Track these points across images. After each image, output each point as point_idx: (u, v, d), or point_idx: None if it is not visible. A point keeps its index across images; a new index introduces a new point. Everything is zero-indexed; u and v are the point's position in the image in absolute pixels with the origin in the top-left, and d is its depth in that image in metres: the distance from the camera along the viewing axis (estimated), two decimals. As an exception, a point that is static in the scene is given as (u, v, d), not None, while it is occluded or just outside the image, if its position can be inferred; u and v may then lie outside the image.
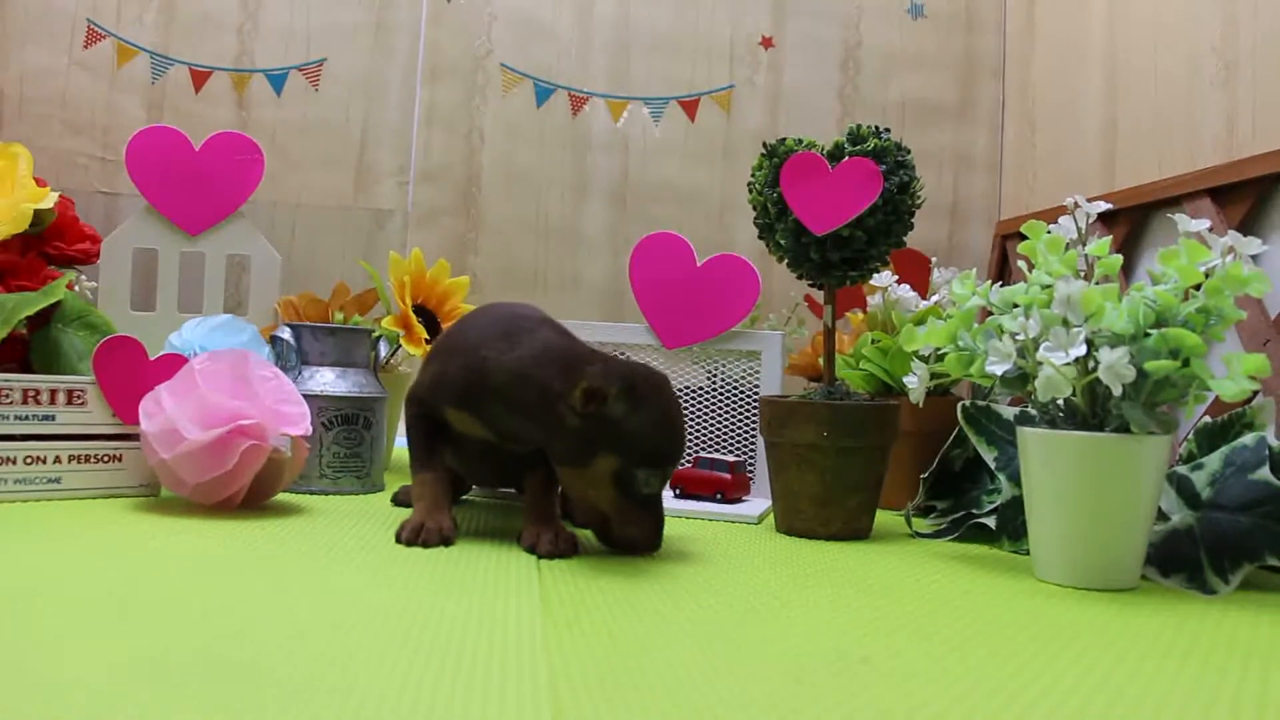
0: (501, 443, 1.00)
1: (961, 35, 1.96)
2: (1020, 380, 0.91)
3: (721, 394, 1.37)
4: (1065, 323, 0.86)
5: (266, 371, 1.07)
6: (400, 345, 1.41)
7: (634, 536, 0.93)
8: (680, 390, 1.39)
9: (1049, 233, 0.95)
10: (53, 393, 1.06)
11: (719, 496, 1.26)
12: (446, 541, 0.94)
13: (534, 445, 0.98)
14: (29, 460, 1.04)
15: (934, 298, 1.40)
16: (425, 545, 0.92)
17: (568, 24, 1.92)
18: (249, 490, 1.05)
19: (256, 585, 0.75)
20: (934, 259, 1.59)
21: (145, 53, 1.83)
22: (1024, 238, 0.97)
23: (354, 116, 1.89)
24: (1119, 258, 0.92)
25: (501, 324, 1.00)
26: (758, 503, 1.28)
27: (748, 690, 0.55)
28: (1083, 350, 0.83)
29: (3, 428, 1.03)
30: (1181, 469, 0.97)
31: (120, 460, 1.11)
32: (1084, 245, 0.95)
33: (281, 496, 1.15)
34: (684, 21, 1.94)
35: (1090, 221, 0.96)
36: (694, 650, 0.63)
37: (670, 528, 1.11)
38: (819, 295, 1.76)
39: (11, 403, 1.04)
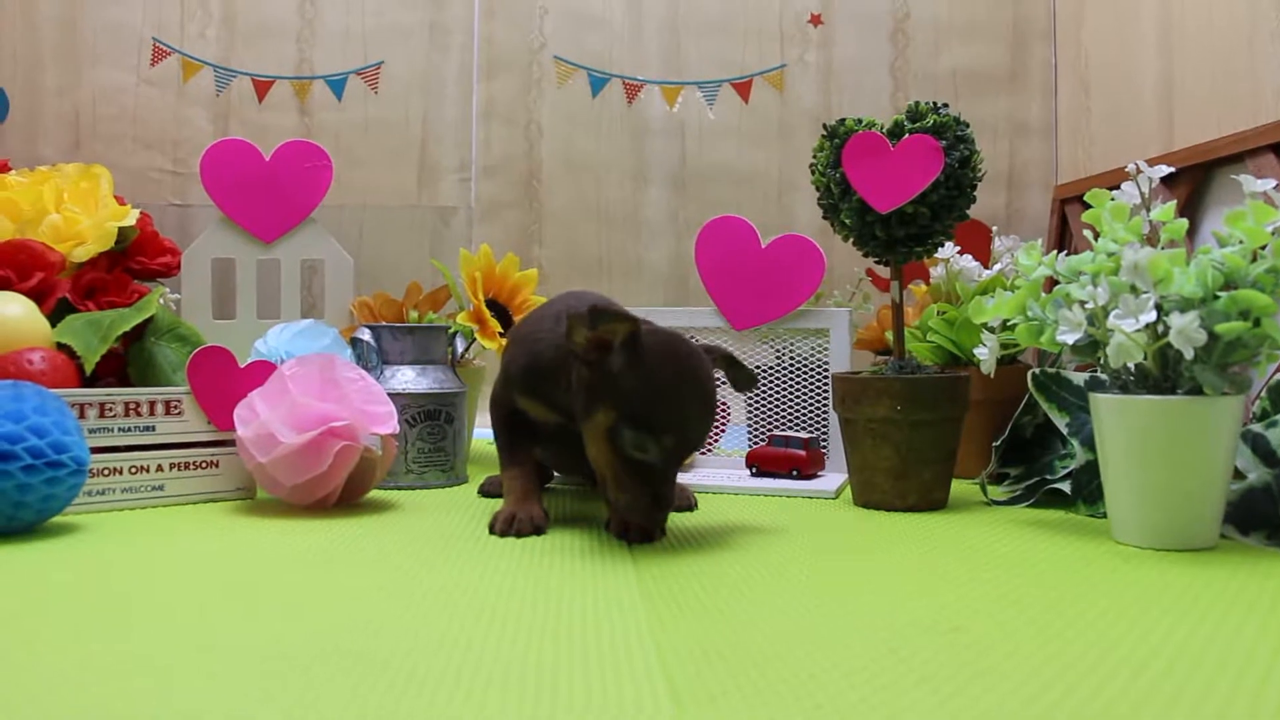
0: (569, 423, 1.03)
1: (1010, 0, 1.95)
2: (1091, 348, 0.93)
3: (791, 372, 1.39)
4: (1134, 289, 0.88)
5: (353, 373, 1.11)
6: (475, 340, 1.44)
7: (624, 504, 0.90)
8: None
9: (1113, 200, 0.96)
10: (151, 404, 1.11)
11: (795, 473, 1.29)
12: (539, 530, 0.97)
13: None
14: (134, 470, 1.09)
15: (996, 267, 1.42)
16: (519, 535, 0.96)
17: (618, 12, 1.94)
18: (343, 489, 1.09)
19: (362, 579, 0.79)
20: (994, 228, 1.60)
21: (209, 66, 1.88)
22: (1084, 202, 0.98)
23: (413, 116, 1.93)
24: (1184, 222, 0.93)
25: (556, 309, 1.05)
26: (833, 477, 1.30)
27: (846, 660, 0.58)
28: (1153, 316, 0.85)
29: (109, 439, 1.08)
30: (1256, 426, 0.98)
31: (217, 466, 1.15)
32: (1148, 210, 0.96)
33: (372, 493, 1.19)
34: (733, 3, 1.95)
35: (1153, 186, 0.97)
36: (789, 623, 0.66)
37: (750, 505, 1.14)
38: (880, 269, 1.78)
39: (115, 415, 1.08)
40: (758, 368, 1.41)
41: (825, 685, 0.54)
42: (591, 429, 0.91)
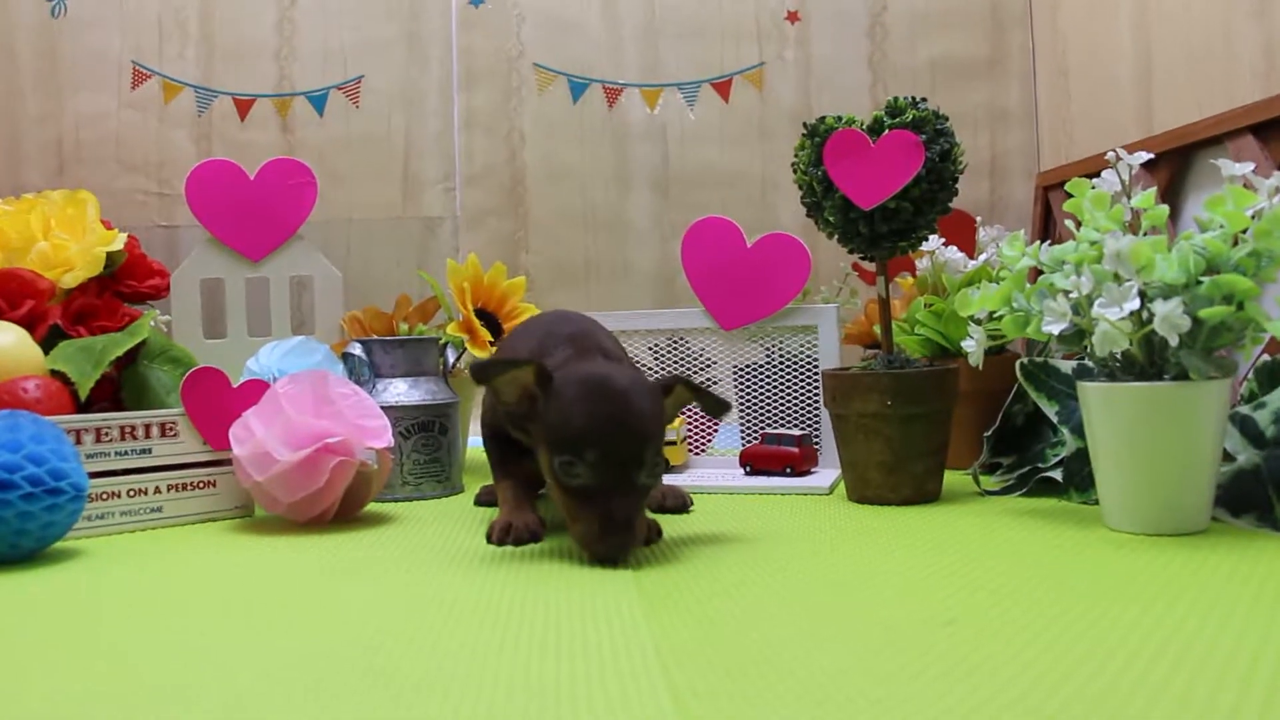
0: None
1: (986, -10, 1.96)
2: (1077, 337, 0.94)
3: (780, 369, 1.40)
4: (1117, 277, 0.88)
5: (346, 389, 1.11)
6: (465, 349, 1.45)
7: (578, 535, 0.89)
8: (739, 368, 1.42)
9: (1093, 188, 0.97)
10: (147, 427, 1.12)
11: (788, 470, 1.29)
12: (535, 537, 0.98)
13: None
14: (132, 493, 1.10)
15: (981, 257, 1.42)
16: (516, 543, 0.97)
17: (595, 17, 1.95)
18: (340, 504, 1.09)
19: (363, 592, 0.80)
20: (979, 218, 1.61)
21: (190, 87, 1.88)
22: (1066, 185, 0.99)
23: (395, 128, 1.93)
24: (1165, 208, 0.94)
25: (537, 339, 1.07)
26: (827, 473, 1.31)
27: (844, 657, 0.59)
28: (1136, 304, 0.86)
29: (106, 464, 1.08)
30: (1244, 408, 0.99)
31: (215, 485, 1.16)
32: (1129, 198, 0.96)
33: (370, 507, 1.20)
34: (709, 3, 1.96)
35: (1133, 173, 0.98)
36: (787, 623, 0.67)
37: (745, 504, 1.15)
38: (867, 262, 1.78)
39: (111, 440, 1.09)
40: (748, 366, 1.42)
41: (823, 683, 0.54)
42: (546, 476, 0.92)
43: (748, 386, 1.42)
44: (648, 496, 0.92)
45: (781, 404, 1.40)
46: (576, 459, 0.87)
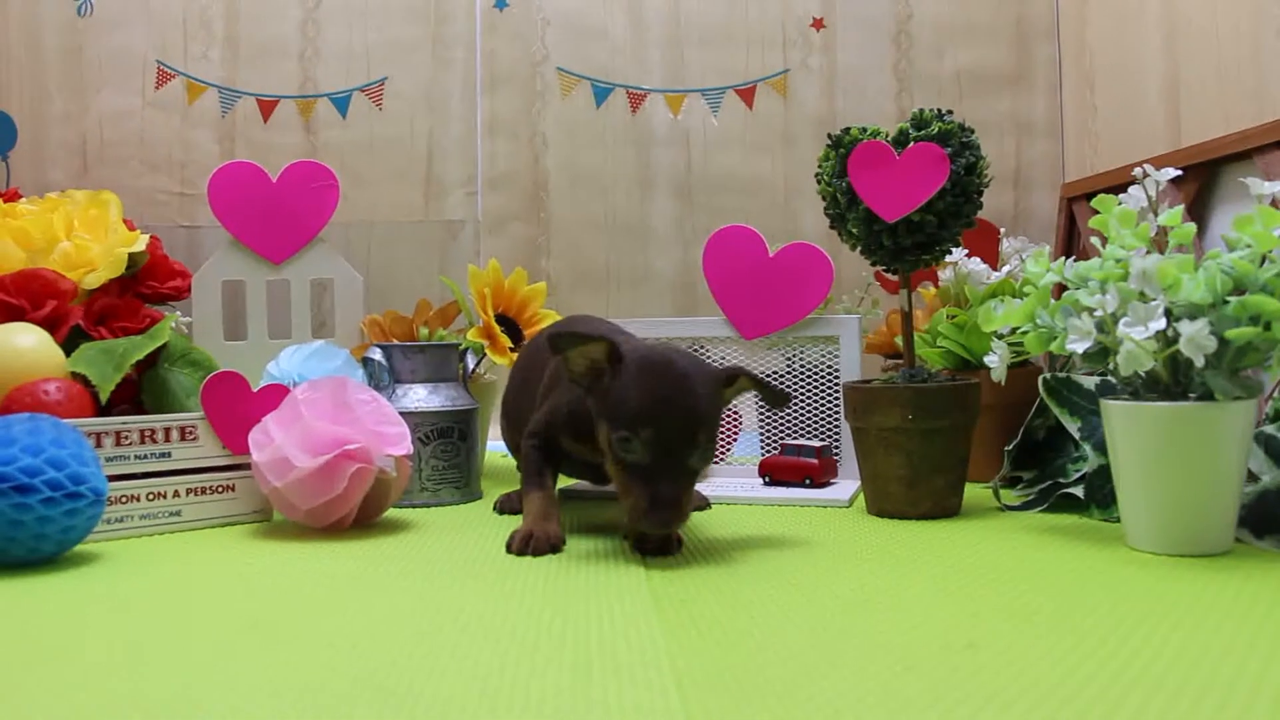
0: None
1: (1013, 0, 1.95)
2: (1101, 355, 0.93)
3: (801, 378, 1.40)
4: (1143, 296, 0.88)
5: (365, 395, 1.11)
6: (485, 355, 1.45)
7: (627, 508, 0.92)
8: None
9: (1120, 204, 0.96)
10: (166, 431, 1.12)
11: (808, 482, 1.29)
12: (555, 549, 0.98)
13: None
14: (151, 496, 1.10)
15: (1005, 269, 1.42)
16: (535, 554, 0.96)
17: (620, 23, 1.94)
18: (358, 510, 1.09)
19: (381, 602, 0.80)
20: (1002, 229, 1.60)
21: (213, 88, 1.89)
22: (1092, 202, 0.98)
23: (418, 131, 1.93)
24: (1192, 226, 0.93)
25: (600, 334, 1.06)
26: (846, 485, 1.30)
27: (862, 682, 0.58)
28: (1162, 324, 0.85)
29: (125, 467, 1.09)
30: (1269, 428, 0.98)
31: (233, 490, 1.16)
32: (1155, 215, 0.96)
33: (388, 513, 1.20)
34: (735, 10, 1.95)
35: (1160, 189, 0.97)
36: (805, 644, 0.66)
37: (764, 516, 1.14)
38: (890, 274, 1.78)
39: (131, 443, 1.09)
40: (769, 375, 1.41)
41: (840, 708, 0.54)
42: (602, 448, 0.96)
43: (790, 405, 1.41)
44: (697, 478, 0.95)
45: (802, 414, 1.40)
46: (632, 435, 0.91)
